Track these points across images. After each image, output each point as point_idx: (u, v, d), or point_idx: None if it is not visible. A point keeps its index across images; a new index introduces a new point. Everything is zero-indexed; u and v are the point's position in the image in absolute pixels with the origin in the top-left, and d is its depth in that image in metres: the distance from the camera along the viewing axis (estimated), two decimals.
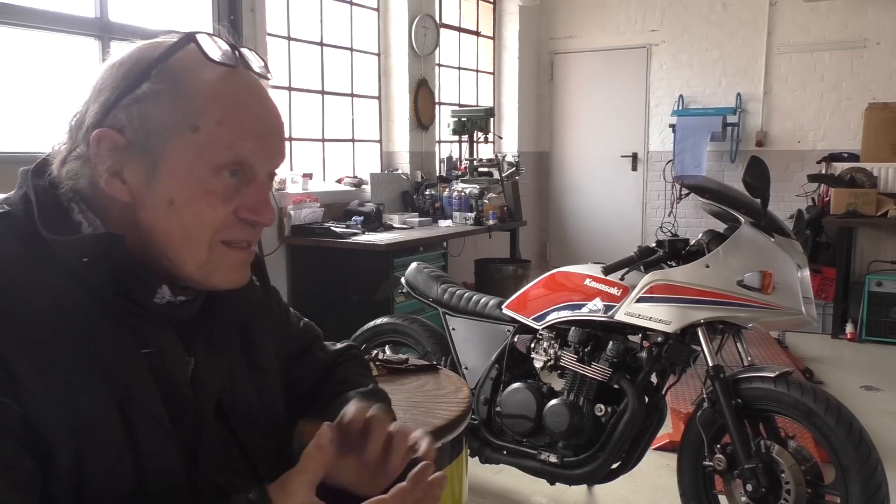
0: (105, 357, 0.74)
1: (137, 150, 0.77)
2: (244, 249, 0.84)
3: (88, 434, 0.71)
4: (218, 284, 0.83)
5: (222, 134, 0.78)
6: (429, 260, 4.36)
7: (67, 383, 0.71)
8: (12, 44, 3.40)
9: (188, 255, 0.79)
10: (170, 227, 0.78)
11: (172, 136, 0.77)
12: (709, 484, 2.48)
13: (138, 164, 0.78)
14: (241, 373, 0.92)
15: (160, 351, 0.80)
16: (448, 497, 1.89)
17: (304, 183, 4.83)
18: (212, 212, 0.79)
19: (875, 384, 4.48)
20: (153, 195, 0.78)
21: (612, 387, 2.52)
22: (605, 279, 2.56)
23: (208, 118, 0.78)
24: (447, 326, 3.01)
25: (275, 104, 0.86)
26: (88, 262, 0.75)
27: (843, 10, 6.17)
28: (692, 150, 6.49)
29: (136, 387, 0.76)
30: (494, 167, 5.64)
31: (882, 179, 5.70)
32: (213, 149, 0.78)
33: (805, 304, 2.37)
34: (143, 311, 0.80)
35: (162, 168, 0.78)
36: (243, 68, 0.82)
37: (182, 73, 0.79)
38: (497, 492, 3.10)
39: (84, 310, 0.75)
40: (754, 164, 2.47)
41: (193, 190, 0.78)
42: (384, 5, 5.67)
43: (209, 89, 0.79)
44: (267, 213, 0.82)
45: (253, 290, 0.93)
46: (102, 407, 0.73)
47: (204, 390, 0.84)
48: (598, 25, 7.21)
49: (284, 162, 0.88)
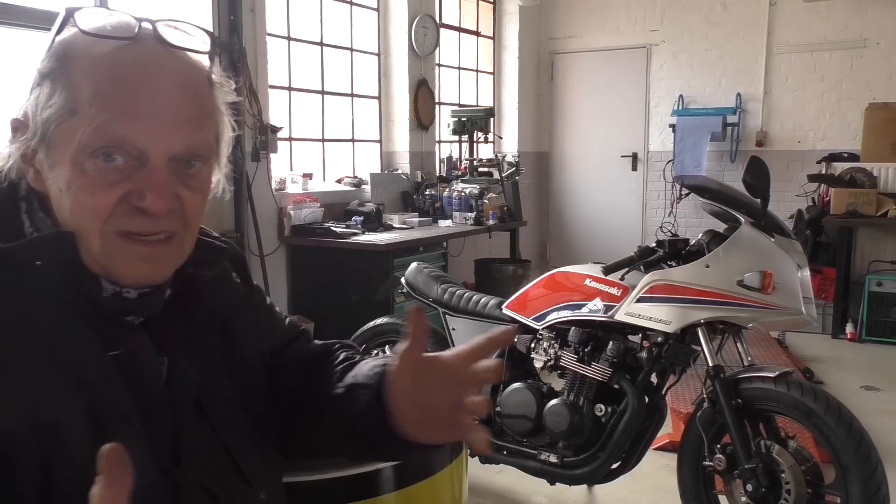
0: (70, 361, 0.72)
1: (37, 138, 0.75)
2: (146, 242, 0.77)
3: (54, 436, 0.70)
4: (120, 278, 0.77)
5: (93, 114, 0.72)
6: (429, 260, 4.36)
7: (27, 385, 0.70)
8: (12, 44, 3.40)
9: (84, 245, 0.76)
10: (63, 216, 0.76)
11: (58, 120, 0.74)
12: (709, 484, 2.48)
13: (43, 152, 0.76)
14: (222, 372, 0.90)
15: (129, 352, 0.77)
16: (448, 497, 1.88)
17: (304, 183, 4.84)
18: (90, 198, 0.74)
19: (875, 384, 4.47)
20: (52, 184, 0.76)
21: (612, 387, 2.52)
22: (605, 279, 2.56)
23: (83, 99, 0.73)
24: (447, 326, 3.01)
25: (187, 80, 0.78)
26: (42, 265, 0.73)
27: (843, 10, 6.17)
28: (692, 150, 6.49)
29: (104, 389, 0.74)
30: (494, 167, 5.64)
31: (882, 179, 5.70)
32: (83, 131, 0.73)
33: (805, 304, 2.37)
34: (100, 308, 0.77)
35: (53, 155, 0.75)
36: (150, 41, 0.76)
37: (68, 54, 0.75)
38: (497, 492, 3.10)
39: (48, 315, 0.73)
40: (754, 164, 2.47)
41: (72, 176, 0.74)
42: (384, 5, 5.66)
43: (89, 67, 0.74)
44: (154, 201, 0.74)
45: (232, 288, 0.92)
46: (68, 410, 0.71)
47: (181, 390, 0.83)
48: (598, 25, 7.21)
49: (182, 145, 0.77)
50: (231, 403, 0.89)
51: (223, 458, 0.85)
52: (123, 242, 0.76)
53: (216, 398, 0.87)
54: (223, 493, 0.82)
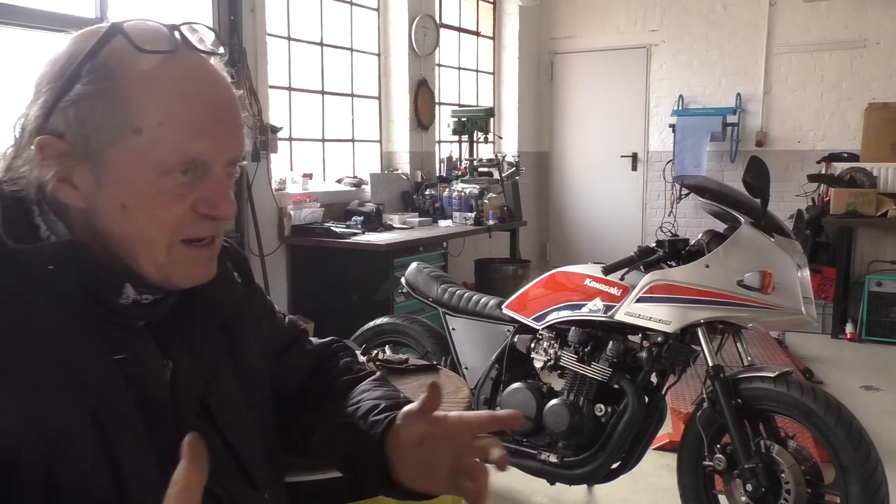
0: (74, 366, 0.72)
1: (80, 155, 0.74)
2: (207, 246, 0.80)
3: (58, 443, 0.69)
4: (180, 283, 0.80)
5: (166, 135, 0.73)
6: (429, 260, 4.37)
7: (31, 391, 0.69)
8: (12, 44, 3.40)
9: (147, 256, 0.77)
10: (125, 230, 0.76)
11: (113, 139, 0.73)
12: (709, 484, 2.48)
13: (85, 169, 0.74)
14: (226, 372, 0.90)
15: (134, 356, 0.77)
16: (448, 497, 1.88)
17: (304, 183, 4.84)
18: (166, 212, 0.76)
19: (875, 384, 4.47)
20: (105, 200, 0.75)
21: (612, 387, 2.52)
22: (605, 279, 2.56)
23: (149, 118, 0.73)
24: (447, 326, 3.01)
25: (227, 85, 0.80)
26: (54, 269, 0.73)
27: (843, 10, 6.17)
28: (692, 150, 6.49)
29: (109, 394, 0.74)
30: (494, 167, 5.64)
31: (882, 179, 5.70)
32: (158, 151, 0.73)
33: (805, 304, 2.38)
34: (114, 315, 0.77)
35: (108, 173, 0.74)
36: (186, 49, 0.76)
37: (114, 69, 0.73)
38: (497, 492, 3.10)
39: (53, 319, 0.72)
40: (754, 164, 2.47)
41: (144, 193, 0.74)
42: (384, 5, 5.67)
43: (146, 84, 0.73)
44: (225, 207, 0.78)
45: (234, 288, 0.92)
46: (73, 416, 0.70)
47: (185, 393, 0.82)
48: (598, 25, 7.21)
49: (240, 150, 0.82)
50: (236, 403, 0.89)
51: (228, 459, 0.85)
52: (187, 249, 0.78)
53: (221, 399, 0.87)
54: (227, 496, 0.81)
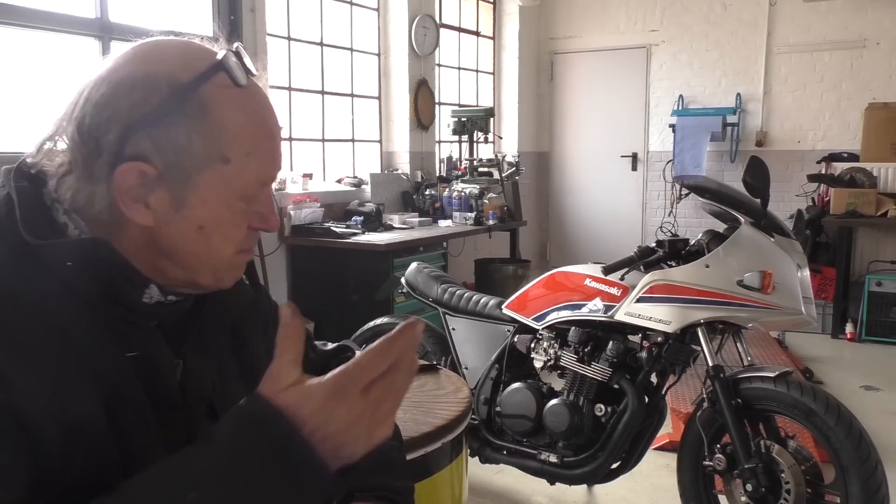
0: (90, 359, 0.74)
1: (167, 179, 0.77)
2: (250, 252, 0.87)
3: (76, 433, 0.71)
4: (227, 285, 0.86)
5: (251, 163, 0.79)
6: (429, 260, 4.37)
7: (53, 382, 0.71)
8: (12, 44, 3.41)
9: (210, 269, 0.82)
10: (197, 248, 0.80)
11: (202, 166, 0.77)
12: (709, 484, 2.49)
13: (166, 192, 0.77)
14: (232, 373, 0.91)
15: (146, 354, 0.79)
16: (448, 497, 1.89)
17: (304, 183, 4.83)
18: (238, 231, 0.82)
19: (875, 384, 4.48)
20: (181, 221, 0.78)
21: (612, 387, 2.52)
22: (605, 279, 2.56)
23: (238, 150, 0.78)
24: (447, 326, 3.01)
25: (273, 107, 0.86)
26: (73, 266, 0.74)
27: (843, 10, 6.17)
28: (692, 150, 6.49)
29: (122, 388, 0.75)
30: (494, 167, 5.64)
31: (882, 179, 5.70)
32: (242, 178, 0.79)
33: (805, 304, 2.38)
34: (130, 313, 0.79)
35: (192, 197, 0.78)
36: (246, 75, 0.81)
37: (211, 102, 0.77)
38: (497, 492, 3.10)
39: (69, 313, 0.74)
40: (754, 164, 2.47)
41: (223, 216, 0.80)
42: (384, 5, 5.67)
43: (237, 117, 0.78)
44: (274, 221, 0.85)
45: (242, 290, 0.93)
46: (90, 408, 0.72)
47: (194, 392, 0.84)
48: (598, 25, 7.21)
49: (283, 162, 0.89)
50: None
51: None
52: (239, 257, 0.85)
53: (228, 399, 0.87)
54: None
